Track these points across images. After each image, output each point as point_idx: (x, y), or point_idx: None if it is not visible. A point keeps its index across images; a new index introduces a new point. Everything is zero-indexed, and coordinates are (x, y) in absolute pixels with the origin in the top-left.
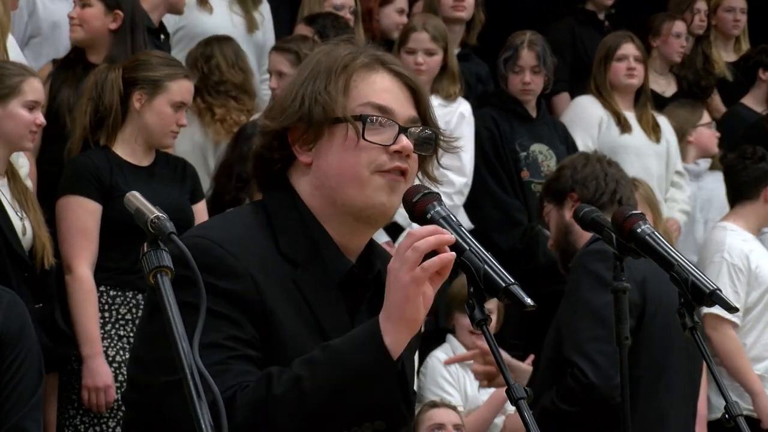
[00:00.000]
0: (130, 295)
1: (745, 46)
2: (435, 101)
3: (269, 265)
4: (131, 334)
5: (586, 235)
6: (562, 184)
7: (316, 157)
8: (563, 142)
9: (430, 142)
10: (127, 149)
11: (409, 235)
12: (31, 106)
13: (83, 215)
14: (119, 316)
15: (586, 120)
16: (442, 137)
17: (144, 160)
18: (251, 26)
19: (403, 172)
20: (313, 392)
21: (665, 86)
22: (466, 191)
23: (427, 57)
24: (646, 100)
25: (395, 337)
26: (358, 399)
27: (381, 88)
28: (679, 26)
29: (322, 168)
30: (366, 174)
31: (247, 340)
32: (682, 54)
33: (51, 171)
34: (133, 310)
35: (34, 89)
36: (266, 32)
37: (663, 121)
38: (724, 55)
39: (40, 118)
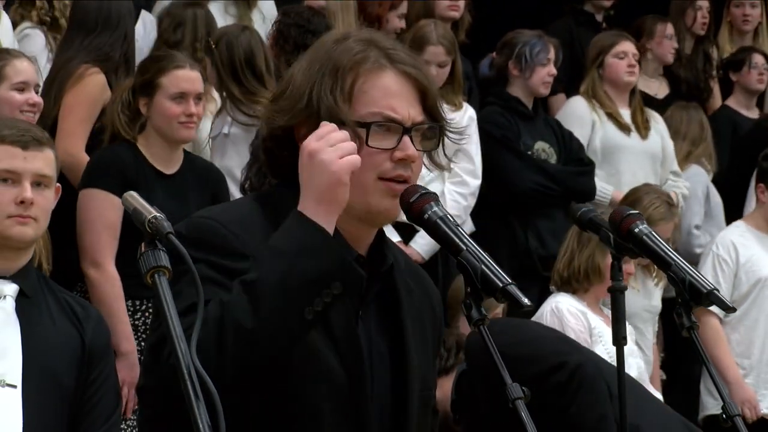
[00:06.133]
0: None
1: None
2: None
3: None
4: None
5: None
6: None
7: None
8: (559, 138)
9: (435, 137)
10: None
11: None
12: (21, 88)
13: (110, 210)
14: None
15: (579, 121)
16: (448, 129)
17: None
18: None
19: (405, 180)
20: (262, 283)
21: (657, 88)
22: (477, 193)
23: (440, 69)
24: (639, 98)
25: (325, 219)
26: (303, 273)
27: (390, 93)
28: (671, 28)
29: None
30: (369, 181)
31: None
32: (674, 55)
33: None
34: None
35: (19, 71)
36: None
37: (659, 121)
38: None
39: (33, 97)
